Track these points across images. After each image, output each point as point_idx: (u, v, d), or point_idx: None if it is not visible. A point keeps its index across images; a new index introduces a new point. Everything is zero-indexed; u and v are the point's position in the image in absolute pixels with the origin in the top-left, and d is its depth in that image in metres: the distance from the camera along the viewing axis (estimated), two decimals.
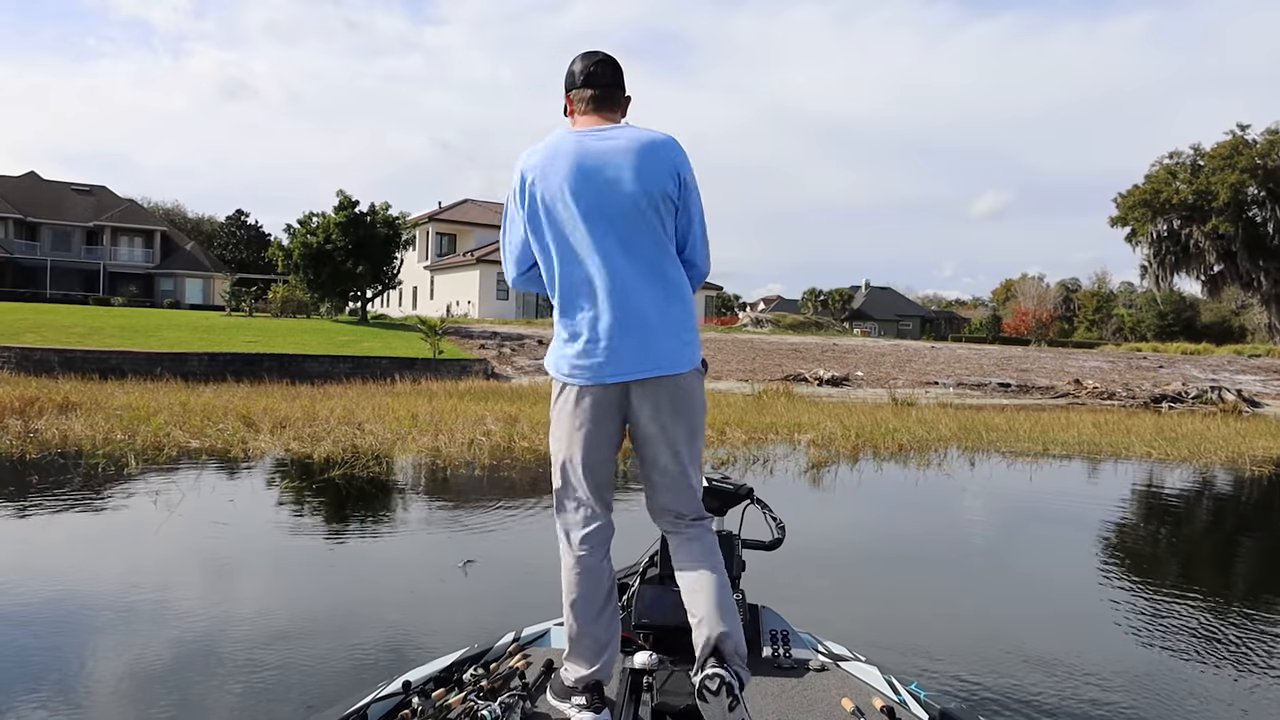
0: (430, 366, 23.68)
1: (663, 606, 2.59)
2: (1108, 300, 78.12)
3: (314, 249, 32.58)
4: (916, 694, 2.35)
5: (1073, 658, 3.78)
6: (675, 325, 2.19)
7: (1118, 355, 37.68)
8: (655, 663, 2.46)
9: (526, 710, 2.19)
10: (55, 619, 3.93)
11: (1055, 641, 4.03)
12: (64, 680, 3.25)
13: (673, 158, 2.19)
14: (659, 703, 2.23)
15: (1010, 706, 3.20)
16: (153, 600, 4.27)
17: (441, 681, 2.34)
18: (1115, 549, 6.33)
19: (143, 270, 55.71)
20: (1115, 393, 25.52)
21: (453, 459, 9.09)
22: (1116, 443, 12.50)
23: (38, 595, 4.29)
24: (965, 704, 2.44)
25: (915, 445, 11.61)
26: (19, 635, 3.70)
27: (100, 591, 4.40)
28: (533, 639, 2.76)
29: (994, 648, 3.94)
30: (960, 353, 35.14)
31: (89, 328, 26.29)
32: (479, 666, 2.42)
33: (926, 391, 24.34)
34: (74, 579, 4.63)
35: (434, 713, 2.10)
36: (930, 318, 73.82)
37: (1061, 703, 3.28)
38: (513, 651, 2.59)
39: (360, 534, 5.96)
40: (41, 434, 9.70)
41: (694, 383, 2.23)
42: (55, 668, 3.35)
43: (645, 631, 2.61)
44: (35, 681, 3.20)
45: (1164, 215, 49.75)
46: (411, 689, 2.24)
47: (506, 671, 2.38)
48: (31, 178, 56.86)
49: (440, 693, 2.22)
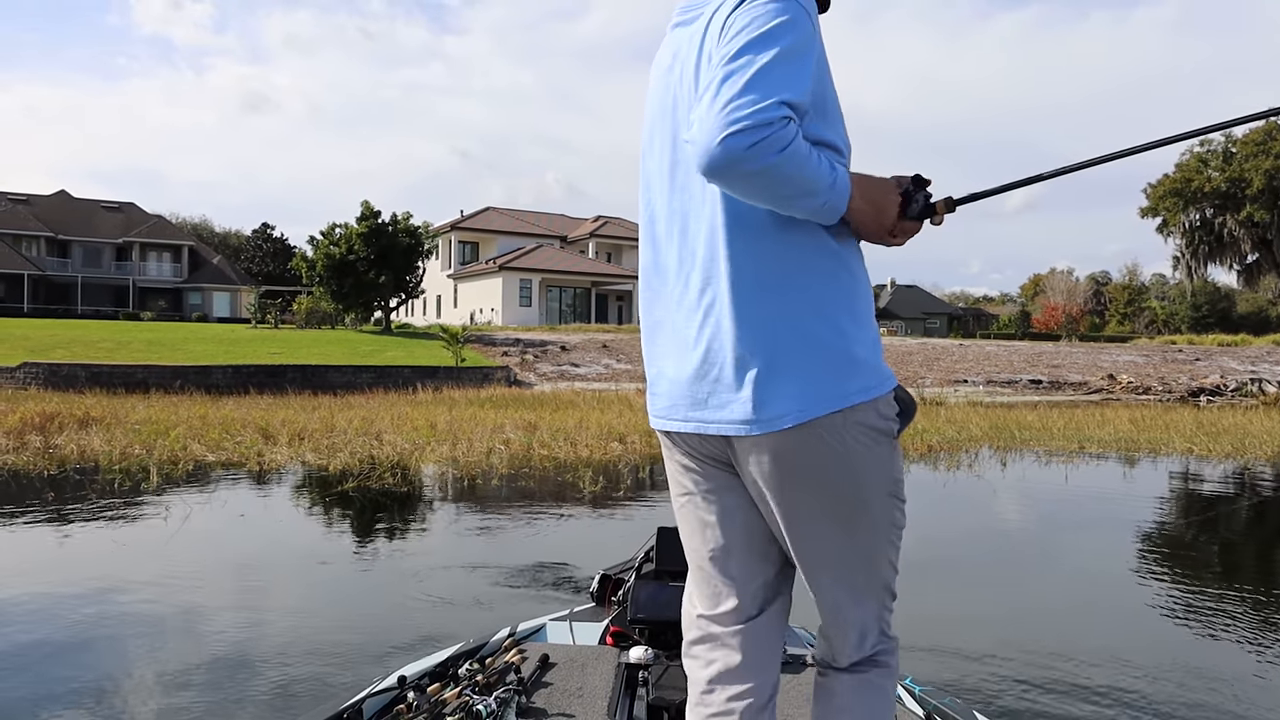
0: (452, 375, 23.64)
1: (659, 601, 2.59)
2: (1139, 293, 76.74)
3: (337, 260, 32.76)
4: (911, 688, 2.33)
5: (1107, 667, 3.52)
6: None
7: (1152, 349, 36.88)
8: (651, 658, 2.46)
9: (522, 705, 2.19)
10: (38, 637, 3.80)
11: (1085, 646, 3.76)
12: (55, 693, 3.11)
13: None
14: (655, 697, 2.23)
15: (1017, 708, 2.96)
16: (149, 609, 4.13)
17: (437, 676, 2.36)
18: (1160, 552, 6.01)
19: (171, 285, 56.42)
20: (1151, 387, 24.92)
21: (470, 469, 8.93)
22: (1155, 439, 12.10)
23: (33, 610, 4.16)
24: (959, 698, 2.37)
25: (945, 446, 11.30)
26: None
27: (88, 612, 4.26)
28: (528, 634, 2.77)
29: (1019, 651, 3.68)
30: (989, 350, 34.57)
31: (117, 342, 26.56)
32: (474, 661, 2.43)
33: (955, 390, 23.90)
34: (61, 597, 4.50)
35: (429, 707, 2.10)
36: (957, 315, 72.91)
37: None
38: (508, 646, 2.58)
39: (366, 549, 5.81)
40: (61, 449, 9.67)
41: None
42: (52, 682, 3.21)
43: (641, 626, 2.60)
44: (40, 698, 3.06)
45: (1196, 204, 48.79)
46: (407, 684, 2.25)
47: (502, 666, 2.39)
48: (62, 196, 57.83)
49: (435, 687, 2.23)
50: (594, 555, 4.87)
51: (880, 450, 1.44)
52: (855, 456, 1.41)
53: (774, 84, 1.26)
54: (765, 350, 1.39)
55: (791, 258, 1.41)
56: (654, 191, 1.59)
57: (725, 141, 1.23)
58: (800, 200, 1.32)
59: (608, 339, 32.66)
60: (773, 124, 1.23)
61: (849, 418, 1.39)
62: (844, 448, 1.40)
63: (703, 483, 1.56)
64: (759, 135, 1.23)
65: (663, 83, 1.59)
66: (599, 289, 49.28)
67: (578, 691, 2.30)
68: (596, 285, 48.73)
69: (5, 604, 4.33)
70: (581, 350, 29.94)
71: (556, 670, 2.43)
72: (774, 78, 1.27)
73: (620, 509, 7.01)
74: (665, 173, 1.56)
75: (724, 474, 1.54)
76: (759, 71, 1.27)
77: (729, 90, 1.26)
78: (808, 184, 1.30)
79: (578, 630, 2.86)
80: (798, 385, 1.38)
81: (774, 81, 1.27)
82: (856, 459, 1.41)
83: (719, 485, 1.55)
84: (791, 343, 1.39)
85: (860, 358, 1.41)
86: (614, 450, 10.34)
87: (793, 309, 1.39)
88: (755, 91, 1.25)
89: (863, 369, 1.41)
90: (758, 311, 1.40)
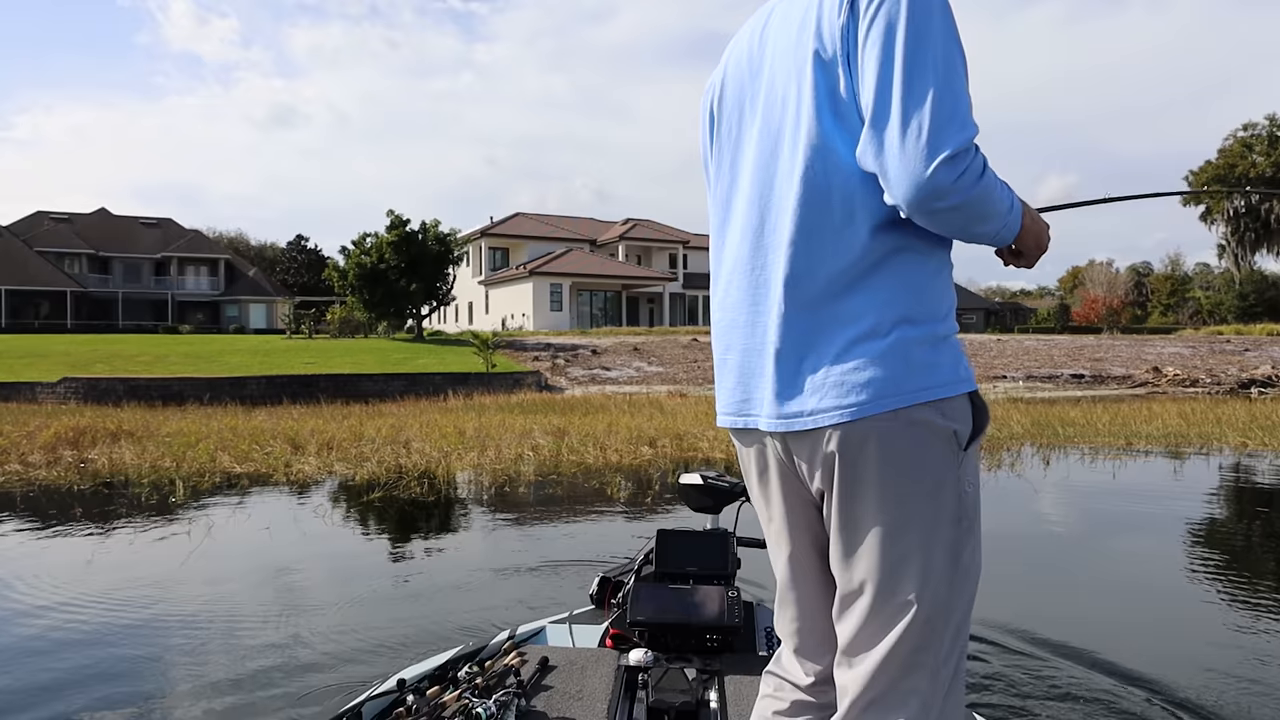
0: (483, 381, 23.63)
1: (658, 604, 2.58)
2: (1183, 283, 74.89)
3: (368, 269, 33.00)
4: None
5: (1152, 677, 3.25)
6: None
7: (1198, 340, 35.88)
8: (650, 660, 2.44)
9: (521, 708, 2.19)
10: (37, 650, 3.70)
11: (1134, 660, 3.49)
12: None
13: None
14: (654, 700, 2.22)
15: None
16: (158, 615, 4.03)
17: (436, 679, 2.36)
18: (1223, 556, 5.67)
19: (209, 298, 57.37)
20: (1198, 379, 24.20)
21: (498, 476, 8.79)
22: (1206, 433, 11.64)
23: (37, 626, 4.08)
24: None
25: (985, 444, 10.94)
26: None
27: (95, 625, 4.17)
28: (527, 637, 2.77)
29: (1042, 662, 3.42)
30: (1028, 344, 33.87)
31: (155, 356, 26.96)
32: (474, 664, 2.43)
33: (994, 386, 23.40)
34: (72, 609, 4.41)
35: (429, 711, 2.10)
36: (995, 309, 71.73)
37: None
38: (507, 649, 2.58)
39: (390, 561, 5.67)
40: (93, 463, 9.70)
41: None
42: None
43: (641, 629, 2.58)
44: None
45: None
46: (406, 687, 2.25)
47: (501, 669, 2.39)
48: (102, 214, 59.11)
49: (435, 690, 2.23)
50: (615, 559, 4.68)
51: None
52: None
53: (963, 100, 1.17)
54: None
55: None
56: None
57: (935, 174, 1.13)
58: (989, 223, 1.23)
59: (639, 342, 32.51)
60: (970, 150, 1.15)
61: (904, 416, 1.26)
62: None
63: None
64: (963, 164, 1.14)
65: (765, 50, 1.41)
66: (629, 292, 49.17)
67: (577, 694, 2.29)
68: (627, 288, 48.62)
69: (13, 612, 4.26)
70: (612, 354, 29.81)
71: (556, 673, 2.42)
72: (960, 91, 1.17)
73: (647, 514, 6.82)
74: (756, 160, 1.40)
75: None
76: (948, 87, 1.15)
77: (925, 116, 1.14)
78: (998, 207, 1.22)
79: (577, 633, 2.85)
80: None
81: (962, 97, 1.17)
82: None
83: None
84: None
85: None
86: (644, 454, 10.15)
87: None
88: (953, 114, 1.15)
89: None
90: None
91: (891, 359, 1.23)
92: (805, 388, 1.27)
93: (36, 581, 5.04)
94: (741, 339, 1.39)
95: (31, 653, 3.80)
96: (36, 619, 4.30)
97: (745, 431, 1.43)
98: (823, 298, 1.26)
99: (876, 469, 1.24)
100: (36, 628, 4.16)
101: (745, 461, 1.48)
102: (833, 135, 1.25)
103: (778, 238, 1.32)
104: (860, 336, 1.24)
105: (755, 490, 1.48)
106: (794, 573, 1.44)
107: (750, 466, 1.46)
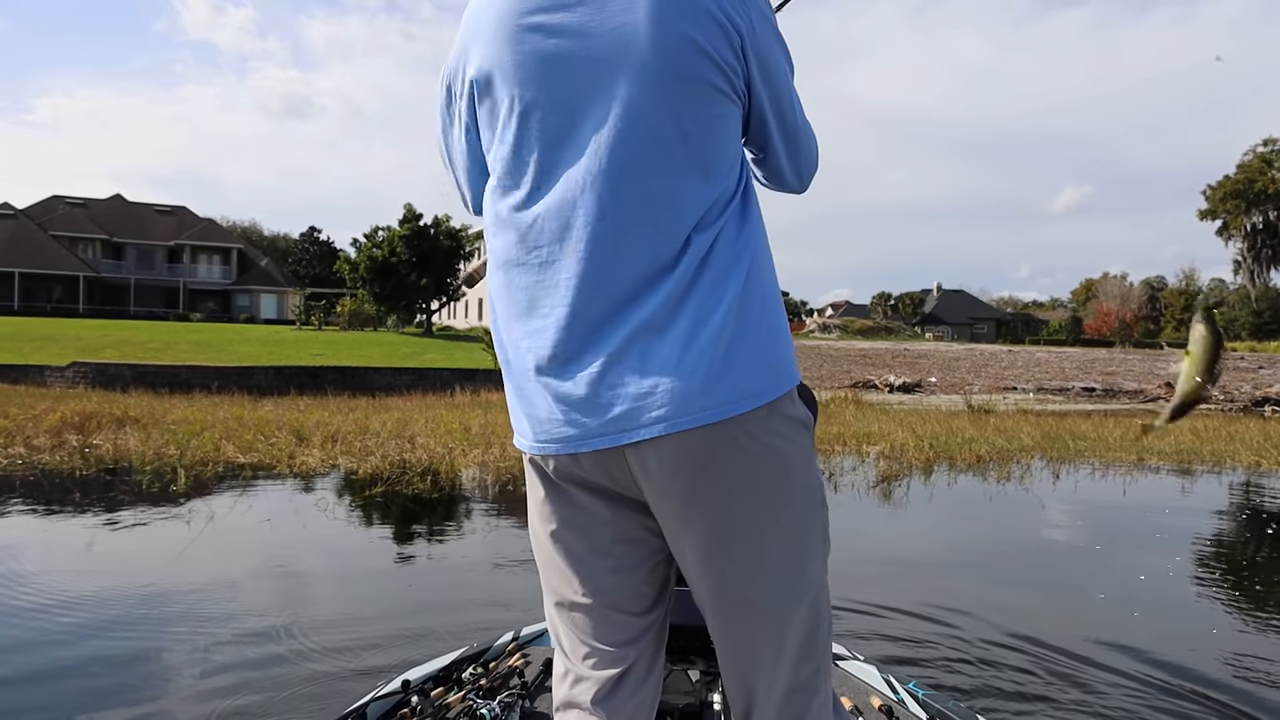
0: (491, 377, 23.58)
1: None
2: (1197, 298, 74.40)
3: (379, 262, 33.03)
4: (914, 693, 2.32)
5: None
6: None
7: None
8: None
9: (525, 709, 2.19)
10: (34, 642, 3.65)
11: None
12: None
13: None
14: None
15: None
16: (154, 607, 3.97)
17: (440, 681, 2.37)
18: (1238, 575, 5.56)
19: (220, 287, 57.51)
20: (1212, 396, 24.03)
21: (501, 473, 8.73)
22: (1220, 451, 11.48)
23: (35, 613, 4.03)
24: (963, 703, 2.34)
25: (995, 456, 10.82)
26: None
27: (84, 617, 4.12)
28: (531, 638, 2.76)
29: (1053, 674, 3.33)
30: (1040, 356, 33.68)
31: (164, 343, 27.03)
32: (478, 665, 2.43)
33: (1005, 397, 23.25)
34: (62, 600, 4.37)
35: (433, 711, 2.11)
36: (1006, 320, 71.43)
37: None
38: (511, 650, 2.59)
39: (392, 556, 5.61)
40: (97, 449, 9.68)
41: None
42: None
43: None
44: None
45: (1259, 206, 47.11)
46: (411, 688, 2.26)
47: (505, 670, 2.40)
48: (117, 200, 59.31)
49: (439, 692, 2.24)
50: None
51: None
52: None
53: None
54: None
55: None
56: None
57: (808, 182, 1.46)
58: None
59: None
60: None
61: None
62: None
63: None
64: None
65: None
66: None
67: None
68: None
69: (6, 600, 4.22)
70: None
71: None
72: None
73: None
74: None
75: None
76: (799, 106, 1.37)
77: (808, 142, 1.39)
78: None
79: None
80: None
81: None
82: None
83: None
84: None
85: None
86: None
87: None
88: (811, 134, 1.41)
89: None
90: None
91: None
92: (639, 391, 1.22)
93: (31, 568, 5.00)
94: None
95: (23, 643, 3.76)
96: (29, 608, 4.26)
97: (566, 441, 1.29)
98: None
99: (743, 466, 1.20)
100: (28, 617, 4.11)
101: (560, 474, 1.34)
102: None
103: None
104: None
105: (557, 504, 1.35)
106: (602, 596, 1.36)
107: (563, 478, 1.32)
